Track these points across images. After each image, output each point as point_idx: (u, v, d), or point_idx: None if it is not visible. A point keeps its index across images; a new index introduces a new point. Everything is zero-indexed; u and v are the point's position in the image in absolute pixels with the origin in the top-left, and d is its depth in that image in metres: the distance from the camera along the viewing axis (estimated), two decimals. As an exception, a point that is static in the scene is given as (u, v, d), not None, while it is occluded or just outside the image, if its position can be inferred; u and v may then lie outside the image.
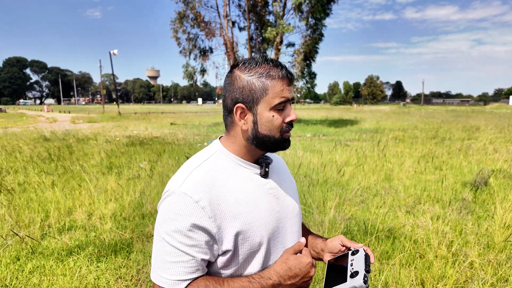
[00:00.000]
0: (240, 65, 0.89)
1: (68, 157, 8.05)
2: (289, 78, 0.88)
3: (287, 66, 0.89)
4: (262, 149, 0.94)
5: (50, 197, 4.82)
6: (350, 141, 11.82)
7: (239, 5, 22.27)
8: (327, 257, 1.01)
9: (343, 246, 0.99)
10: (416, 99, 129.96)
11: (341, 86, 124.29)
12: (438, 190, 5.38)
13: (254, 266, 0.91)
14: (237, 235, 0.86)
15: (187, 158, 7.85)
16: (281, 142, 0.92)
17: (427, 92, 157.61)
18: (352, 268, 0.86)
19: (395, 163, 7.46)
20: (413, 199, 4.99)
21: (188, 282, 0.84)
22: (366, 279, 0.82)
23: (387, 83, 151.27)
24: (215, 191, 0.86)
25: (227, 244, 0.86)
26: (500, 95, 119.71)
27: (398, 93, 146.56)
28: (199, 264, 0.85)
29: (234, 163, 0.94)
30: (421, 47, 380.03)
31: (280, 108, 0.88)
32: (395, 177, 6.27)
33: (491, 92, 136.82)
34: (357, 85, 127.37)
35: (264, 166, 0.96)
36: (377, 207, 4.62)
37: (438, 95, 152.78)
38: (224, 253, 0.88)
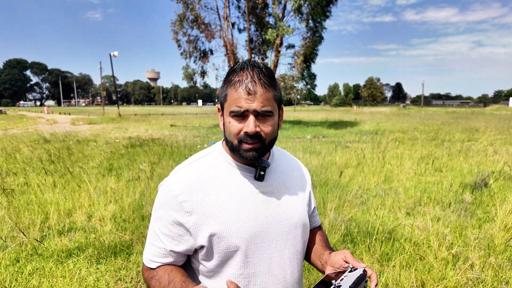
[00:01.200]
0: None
1: (68, 159, 8.05)
2: (249, 89, 0.85)
3: (259, 79, 0.86)
4: (233, 153, 0.93)
5: (50, 199, 4.82)
6: (350, 143, 11.82)
7: (239, 7, 22.34)
8: (328, 271, 0.97)
9: (346, 262, 0.93)
10: (416, 101, 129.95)
11: (341, 88, 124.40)
12: (438, 191, 5.37)
13: (233, 267, 0.92)
14: (212, 235, 0.89)
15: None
16: (239, 151, 0.90)
17: (427, 93, 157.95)
18: (339, 283, 0.82)
19: (395, 165, 7.46)
20: (413, 200, 4.99)
21: (158, 264, 0.93)
22: None
23: (387, 84, 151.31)
24: (197, 188, 0.91)
25: (201, 241, 0.90)
26: (500, 97, 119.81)
27: (398, 94, 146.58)
28: (168, 253, 0.93)
29: (227, 163, 0.97)
30: (421, 49, 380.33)
31: (237, 115, 0.87)
32: (395, 179, 6.27)
33: (491, 94, 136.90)
34: (357, 86, 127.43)
35: (258, 170, 0.95)
36: (377, 208, 4.62)
37: (438, 96, 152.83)
38: (201, 248, 0.92)
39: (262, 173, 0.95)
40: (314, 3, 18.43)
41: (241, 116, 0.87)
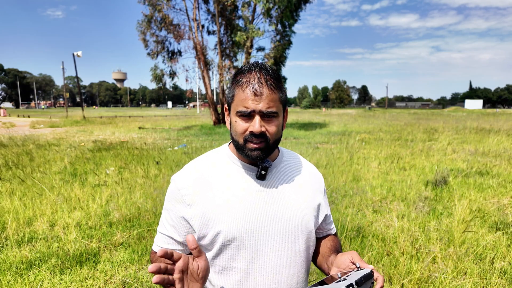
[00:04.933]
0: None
1: (28, 164, 7.59)
2: (256, 90, 0.87)
3: (266, 81, 0.89)
4: (238, 151, 0.97)
5: (7, 207, 4.51)
6: (320, 144, 12.09)
7: (208, 10, 22.17)
8: (333, 272, 0.93)
9: (353, 263, 0.90)
10: (381, 103, 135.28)
11: (310, 90, 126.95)
12: (402, 189, 5.63)
13: (224, 259, 0.96)
14: (208, 227, 0.95)
15: (157, 163, 7.68)
16: (244, 150, 0.93)
17: (391, 96, 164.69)
18: (344, 278, 0.81)
19: (362, 164, 7.72)
20: (379, 198, 5.18)
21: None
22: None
23: (353, 87, 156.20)
24: (199, 182, 0.97)
25: (198, 233, 0.96)
26: (456, 99, 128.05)
27: (364, 97, 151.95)
28: (172, 241, 1.00)
29: (231, 162, 1.01)
30: (385, 53, 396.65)
31: (244, 115, 0.90)
32: (362, 178, 6.49)
33: (448, 96, 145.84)
34: (325, 89, 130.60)
35: (259, 169, 0.97)
36: (346, 207, 4.75)
37: (401, 99, 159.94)
38: (198, 240, 0.97)
39: (263, 172, 0.97)
40: (283, 6, 18.68)
41: (248, 116, 0.90)
